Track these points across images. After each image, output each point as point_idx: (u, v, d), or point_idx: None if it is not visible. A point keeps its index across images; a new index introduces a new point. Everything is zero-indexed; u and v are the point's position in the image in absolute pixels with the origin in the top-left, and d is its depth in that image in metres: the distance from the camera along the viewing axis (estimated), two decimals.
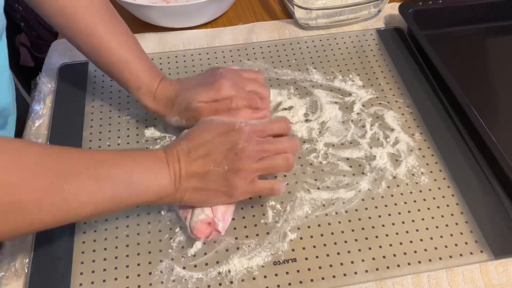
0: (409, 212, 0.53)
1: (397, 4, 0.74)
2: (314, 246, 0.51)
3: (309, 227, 0.52)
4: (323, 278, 0.49)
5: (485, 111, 0.60)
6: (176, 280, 0.48)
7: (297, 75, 0.69)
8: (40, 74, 0.70)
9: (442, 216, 0.53)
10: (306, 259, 0.50)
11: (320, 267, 0.49)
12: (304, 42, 0.74)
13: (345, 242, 0.51)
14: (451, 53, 0.73)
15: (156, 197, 0.47)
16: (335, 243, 0.51)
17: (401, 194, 0.55)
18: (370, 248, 0.51)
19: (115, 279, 0.49)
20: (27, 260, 0.50)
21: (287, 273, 0.49)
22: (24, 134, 0.62)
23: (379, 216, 0.53)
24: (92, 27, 0.56)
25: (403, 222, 0.53)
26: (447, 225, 0.52)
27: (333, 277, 0.49)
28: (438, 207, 0.54)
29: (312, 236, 0.52)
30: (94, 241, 0.51)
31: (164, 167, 0.47)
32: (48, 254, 0.50)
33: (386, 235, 0.52)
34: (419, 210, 0.54)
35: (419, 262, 0.50)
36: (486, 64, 0.72)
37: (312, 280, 0.48)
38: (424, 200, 0.55)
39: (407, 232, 0.52)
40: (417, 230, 0.52)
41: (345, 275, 0.49)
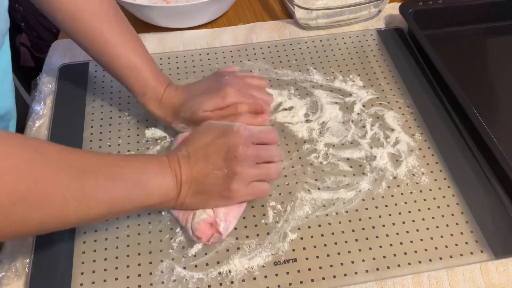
0: (410, 212, 0.54)
1: (397, 4, 0.74)
2: (315, 246, 0.51)
3: (310, 227, 0.52)
4: (324, 278, 0.49)
5: (485, 111, 0.60)
6: (177, 280, 0.48)
7: (298, 76, 0.69)
8: (40, 75, 0.70)
9: (443, 216, 0.53)
10: (307, 259, 0.50)
11: (321, 267, 0.49)
12: (304, 42, 0.74)
13: (346, 242, 0.51)
14: (451, 53, 0.73)
15: (161, 200, 0.48)
16: (336, 243, 0.51)
17: (402, 194, 0.55)
18: (371, 248, 0.51)
19: (116, 279, 0.49)
20: (28, 260, 0.50)
21: (288, 273, 0.49)
22: (24, 135, 0.62)
23: (380, 216, 0.53)
24: (99, 32, 0.56)
25: (404, 222, 0.53)
26: (448, 225, 0.52)
27: (334, 277, 0.49)
28: (439, 207, 0.54)
29: (313, 236, 0.52)
30: (95, 241, 0.51)
31: (167, 172, 0.48)
32: (49, 254, 0.50)
33: (387, 235, 0.52)
34: (420, 210, 0.54)
35: (420, 262, 0.50)
36: (486, 64, 0.72)
37: (313, 280, 0.49)
38: (425, 200, 0.55)
39: (408, 232, 0.52)
40: (418, 230, 0.52)
41: (346, 275, 0.49)
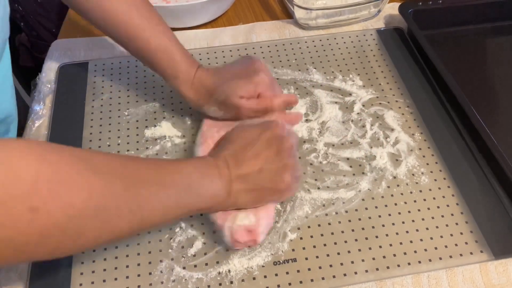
0: (409, 212, 0.53)
1: (397, 4, 0.74)
2: (314, 246, 0.51)
3: (309, 227, 0.52)
4: (323, 278, 0.49)
5: (485, 111, 0.60)
6: (176, 280, 0.48)
7: (297, 75, 0.69)
8: (40, 74, 0.70)
9: (442, 216, 0.53)
10: (306, 259, 0.50)
11: (320, 267, 0.49)
12: (304, 42, 0.74)
13: (345, 242, 0.51)
14: (451, 53, 0.73)
15: (213, 203, 0.47)
16: (335, 243, 0.51)
17: (401, 194, 0.55)
18: (370, 248, 0.51)
19: (115, 279, 0.49)
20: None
21: (287, 273, 0.49)
22: (24, 135, 0.62)
23: (379, 216, 0.53)
24: (129, 18, 0.56)
25: (403, 222, 0.53)
26: (447, 225, 0.52)
27: (333, 277, 0.49)
28: (438, 207, 0.54)
29: (312, 236, 0.52)
30: None
31: (216, 173, 0.47)
32: None
33: (386, 235, 0.52)
34: (419, 210, 0.54)
35: (419, 262, 0.50)
36: (486, 64, 0.72)
37: (312, 280, 0.49)
38: (424, 200, 0.55)
39: (407, 232, 0.52)
40: (417, 230, 0.52)
41: (345, 275, 0.49)
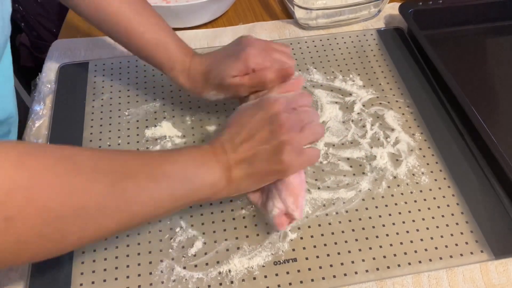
0: (410, 212, 0.54)
1: (397, 4, 0.74)
2: (315, 246, 0.51)
3: (310, 227, 0.52)
4: (324, 278, 0.49)
5: (485, 111, 0.60)
6: (177, 280, 0.48)
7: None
8: (40, 75, 0.70)
9: (443, 216, 0.53)
10: (307, 259, 0.50)
11: (321, 267, 0.49)
12: (304, 42, 0.74)
13: (346, 242, 0.51)
14: (451, 53, 0.73)
15: (212, 192, 0.46)
16: (336, 243, 0.51)
17: (402, 194, 0.55)
18: (371, 248, 0.51)
19: (116, 279, 0.49)
20: None
21: (288, 273, 0.49)
22: (24, 135, 0.62)
23: (380, 216, 0.53)
24: (121, 13, 0.56)
25: (404, 222, 0.53)
26: (448, 225, 0.52)
27: (334, 277, 0.49)
28: (439, 207, 0.54)
29: (313, 236, 0.52)
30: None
31: (212, 160, 0.46)
32: None
33: (387, 235, 0.52)
34: (420, 210, 0.54)
35: (420, 262, 0.50)
36: (486, 64, 0.72)
37: (313, 280, 0.49)
38: (425, 200, 0.55)
39: (408, 232, 0.52)
40: (418, 230, 0.52)
41: (346, 275, 0.49)
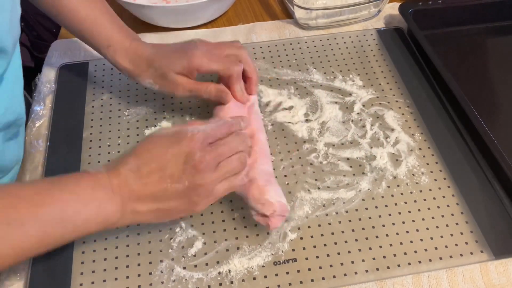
0: (410, 212, 0.53)
1: (397, 4, 0.74)
2: (315, 246, 0.51)
3: (310, 227, 0.52)
4: (324, 278, 0.49)
5: (485, 111, 0.60)
6: (177, 280, 0.48)
7: (297, 75, 0.69)
8: (40, 75, 0.70)
9: (443, 216, 0.53)
10: (307, 259, 0.50)
11: (321, 267, 0.49)
12: (304, 42, 0.74)
13: (346, 242, 0.51)
14: (451, 53, 0.73)
15: (100, 227, 0.43)
16: (336, 243, 0.51)
17: (402, 194, 0.55)
18: (371, 248, 0.51)
19: (116, 279, 0.49)
20: (28, 261, 0.50)
21: (288, 273, 0.49)
22: (25, 135, 0.62)
23: (380, 216, 0.53)
24: None
25: (404, 222, 0.53)
26: (448, 225, 0.52)
27: (334, 277, 0.49)
28: (439, 207, 0.54)
29: (313, 236, 0.52)
30: (95, 241, 0.51)
31: (107, 194, 0.42)
32: (49, 255, 0.50)
33: (387, 235, 0.52)
34: (420, 210, 0.54)
35: (420, 262, 0.50)
36: (486, 64, 0.72)
37: (313, 280, 0.49)
38: (425, 200, 0.55)
39: (408, 232, 0.52)
40: (418, 230, 0.52)
41: (346, 275, 0.49)
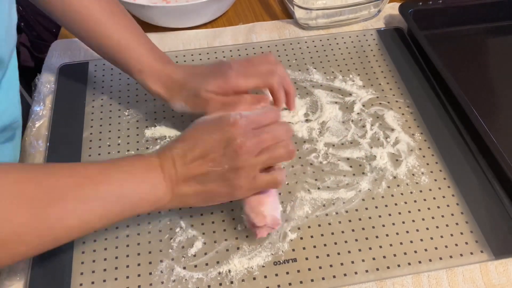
0: (410, 212, 0.53)
1: (397, 4, 0.74)
2: (315, 246, 0.51)
3: (310, 227, 0.52)
4: (324, 278, 0.49)
5: (485, 111, 0.60)
6: (177, 280, 0.48)
7: (297, 75, 0.69)
8: (40, 75, 0.70)
9: (443, 216, 0.53)
10: (307, 259, 0.50)
11: (321, 267, 0.49)
12: (304, 42, 0.74)
13: (346, 242, 0.51)
14: (451, 53, 0.73)
15: (152, 207, 0.45)
16: (336, 243, 0.51)
17: (402, 194, 0.55)
18: (371, 248, 0.51)
19: (116, 279, 0.49)
20: (28, 260, 0.50)
21: (288, 273, 0.49)
22: (24, 136, 0.62)
23: (380, 216, 0.53)
24: (90, 13, 0.55)
25: (404, 222, 0.53)
26: (448, 225, 0.52)
27: (334, 277, 0.49)
28: (439, 207, 0.54)
29: (313, 236, 0.52)
30: (95, 241, 0.51)
31: (158, 175, 0.44)
32: (49, 255, 0.50)
33: (387, 235, 0.52)
34: (420, 210, 0.54)
35: (420, 262, 0.50)
36: (486, 64, 0.72)
37: (313, 280, 0.49)
38: (425, 200, 0.55)
39: (408, 232, 0.52)
40: (418, 230, 0.52)
41: (346, 275, 0.49)
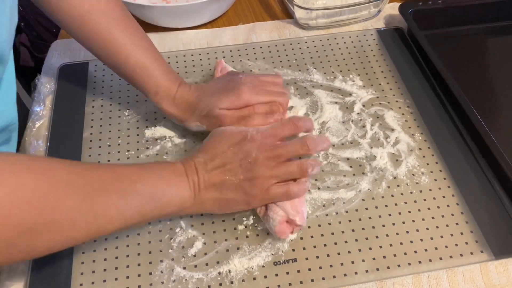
0: (410, 212, 0.53)
1: (397, 4, 0.74)
2: (315, 246, 0.51)
3: (310, 227, 0.52)
4: (324, 278, 0.49)
5: (485, 111, 0.60)
6: (177, 280, 0.48)
7: (297, 75, 0.69)
8: (40, 75, 0.70)
9: (443, 216, 0.53)
10: (307, 259, 0.50)
11: (321, 267, 0.49)
12: (304, 42, 0.74)
13: (346, 242, 0.51)
14: (451, 53, 0.73)
15: (178, 209, 0.48)
16: (336, 243, 0.51)
17: (402, 194, 0.55)
18: (371, 248, 0.51)
19: (116, 279, 0.49)
20: (28, 261, 0.50)
21: (288, 273, 0.49)
22: (25, 136, 0.62)
23: (380, 216, 0.53)
24: (108, 33, 0.56)
25: (404, 222, 0.53)
26: (448, 225, 0.52)
27: (334, 277, 0.49)
28: (439, 207, 0.54)
29: (313, 236, 0.52)
30: (95, 241, 0.51)
31: (184, 180, 0.48)
32: (49, 255, 0.50)
33: (387, 235, 0.52)
34: (420, 210, 0.54)
35: (420, 262, 0.50)
36: (486, 64, 0.72)
37: (313, 280, 0.49)
38: (425, 200, 0.55)
39: (408, 232, 0.52)
40: (418, 230, 0.52)
41: (346, 275, 0.49)
